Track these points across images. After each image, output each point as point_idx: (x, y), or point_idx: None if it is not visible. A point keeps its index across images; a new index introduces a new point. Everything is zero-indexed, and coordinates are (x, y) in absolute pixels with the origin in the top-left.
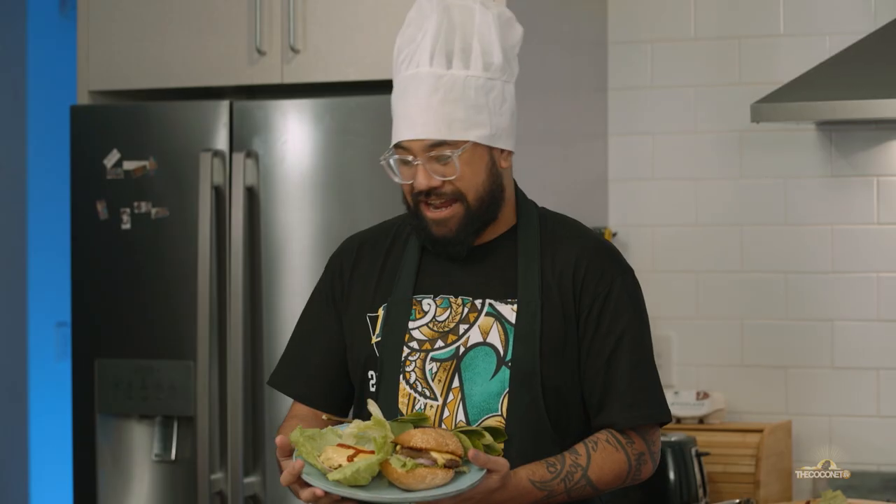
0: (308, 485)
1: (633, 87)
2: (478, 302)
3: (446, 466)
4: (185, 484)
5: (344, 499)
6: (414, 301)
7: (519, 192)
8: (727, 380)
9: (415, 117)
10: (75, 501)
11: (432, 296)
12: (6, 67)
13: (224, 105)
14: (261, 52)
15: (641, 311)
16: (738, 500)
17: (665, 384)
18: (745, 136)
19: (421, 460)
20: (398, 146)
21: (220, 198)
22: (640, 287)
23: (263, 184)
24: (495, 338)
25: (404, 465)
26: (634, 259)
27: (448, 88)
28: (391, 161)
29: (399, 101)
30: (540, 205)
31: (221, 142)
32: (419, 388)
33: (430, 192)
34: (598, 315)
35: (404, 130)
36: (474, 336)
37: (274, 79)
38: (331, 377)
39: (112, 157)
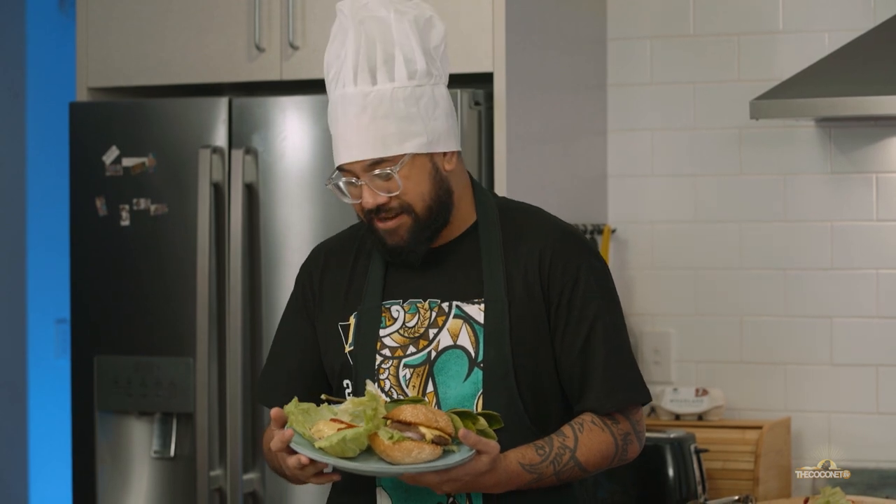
0: (295, 453)
1: (633, 84)
2: (445, 305)
3: (435, 443)
4: (184, 481)
5: (334, 472)
6: (383, 308)
7: (476, 186)
8: (726, 376)
9: (349, 139)
10: (74, 498)
11: (400, 301)
12: (5, 64)
13: (223, 102)
14: (260, 49)
15: (611, 294)
16: (737, 497)
17: (664, 381)
18: (745, 133)
19: (409, 434)
20: (341, 168)
21: (220, 195)
22: (608, 269)
23: (262, 180)
24: (465, 340)
25: (392, 437)
26: (633, 255)
27: (376, 105)
28: (340, 183)
29: (333, 123)
30: (540, 202)
31: (220, 138)
32: (394, 396)
33: (378, 210)
34: (568, 303)
35: (342, 153)
36: (444, 340)
37: (273, 75)
38: (308, 387)
39: (111, 154)
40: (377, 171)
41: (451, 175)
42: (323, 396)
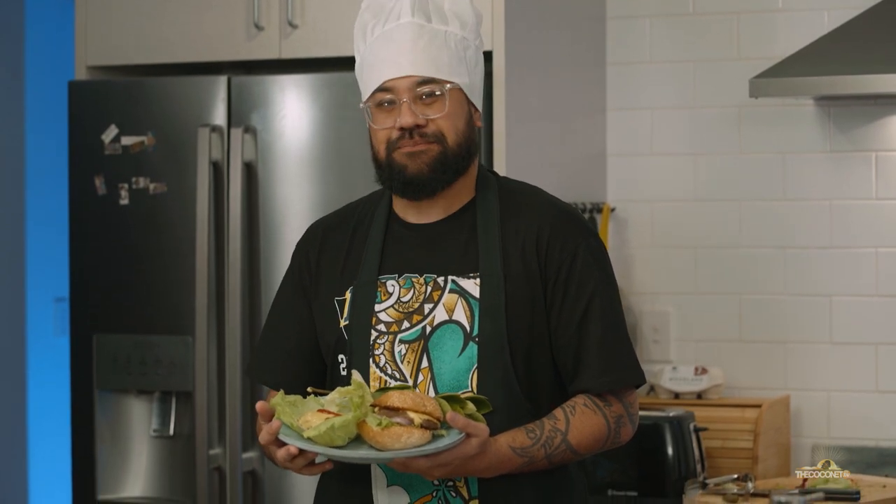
0: (284, 445)
1: (632, 63)
2: (440, 279)
3: (424, 427)
4: (183, 459)
5: (327, 462)
6: (379, 283)
7: (479, 164)
8: (726, 355)
9: (400, 59)
10: (74, 477)
11: (396, 276)
12: (5, 43)
13: (222, 80)
14: (259, 28)
15: (608, 274)
16: (736, 476)
17: (663, 359)
18: (744, 112)
19: (397, 419)
20: (381, 89)
21: (219, 173)
22: (605, 250)
23: (261, 159)
24: (461, 314)
25: (380, 423)
26: (633, 234)
27: (431, 36)
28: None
29: (379, 51)
30: (539, 180)
31: (219, 117)
32: (389, 371)
33: (412, 133)
34: (565, 281)
35: (390, 71)
36: (440, 315)
37: (272, 54)
38: (304, 364)
39: (110, 133)
40: (426, 89)
41: (476, 133)
42: (309, 389)
